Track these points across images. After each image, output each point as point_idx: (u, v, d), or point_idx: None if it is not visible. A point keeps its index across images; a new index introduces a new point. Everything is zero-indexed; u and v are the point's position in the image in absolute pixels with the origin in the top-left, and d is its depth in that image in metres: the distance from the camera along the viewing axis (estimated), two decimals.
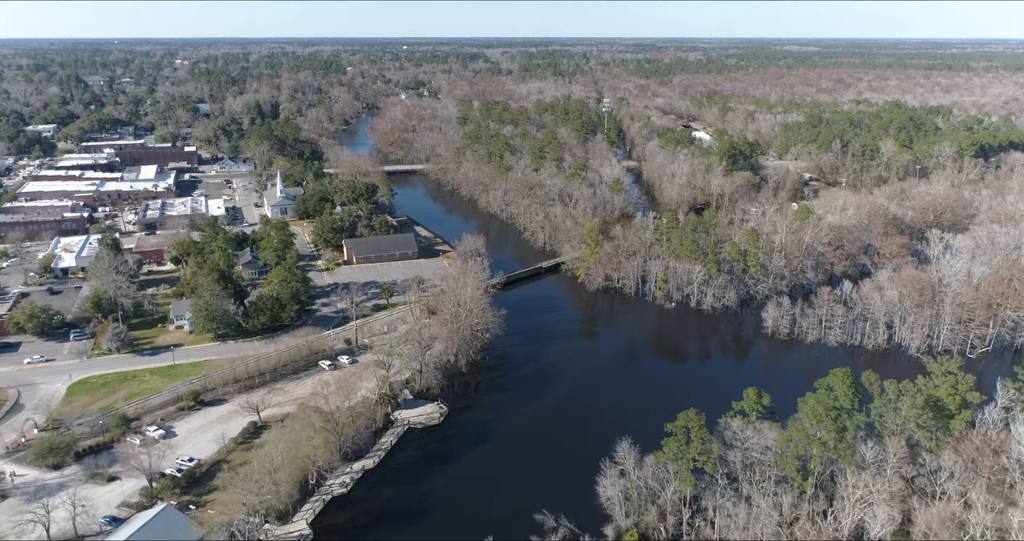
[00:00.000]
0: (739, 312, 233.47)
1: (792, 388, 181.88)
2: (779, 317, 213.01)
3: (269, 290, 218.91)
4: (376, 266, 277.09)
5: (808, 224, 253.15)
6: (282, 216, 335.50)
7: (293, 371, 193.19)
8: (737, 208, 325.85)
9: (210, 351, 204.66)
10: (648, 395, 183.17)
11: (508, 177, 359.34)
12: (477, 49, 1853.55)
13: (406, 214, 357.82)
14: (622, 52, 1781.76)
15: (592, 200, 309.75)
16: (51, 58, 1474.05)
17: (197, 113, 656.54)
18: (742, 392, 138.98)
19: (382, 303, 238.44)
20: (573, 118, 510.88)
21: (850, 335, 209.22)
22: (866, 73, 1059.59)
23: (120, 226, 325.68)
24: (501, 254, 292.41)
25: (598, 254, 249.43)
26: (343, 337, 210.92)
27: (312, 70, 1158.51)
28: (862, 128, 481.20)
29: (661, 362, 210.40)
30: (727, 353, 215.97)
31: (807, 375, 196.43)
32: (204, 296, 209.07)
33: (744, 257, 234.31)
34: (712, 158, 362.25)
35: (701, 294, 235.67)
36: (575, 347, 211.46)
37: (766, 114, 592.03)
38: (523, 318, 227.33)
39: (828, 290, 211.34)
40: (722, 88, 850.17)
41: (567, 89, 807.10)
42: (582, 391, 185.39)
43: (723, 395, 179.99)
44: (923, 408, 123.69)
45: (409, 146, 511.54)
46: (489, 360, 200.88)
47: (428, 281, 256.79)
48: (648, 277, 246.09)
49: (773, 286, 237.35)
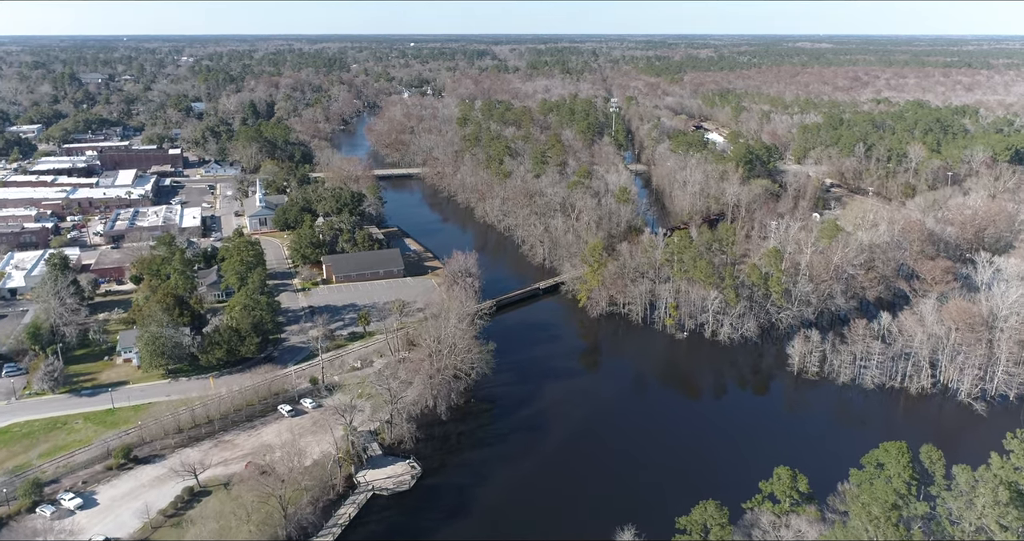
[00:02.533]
0: (760, 344, 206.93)
1: (828, 447, 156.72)
2: (807, 353, 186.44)
3: (228, 320, 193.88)
4: (358, 286, 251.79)
5: (837, 242, 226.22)
6: (261, 227, 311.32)
7: (248, 417, 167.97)
8: (755, 220, 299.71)
9: (158, 390, 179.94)
10: (657, 453, 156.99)
11: (507, 184, 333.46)
12: (486, 46, 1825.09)
13: (397, 224, 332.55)
14: (632, 49, 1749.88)
15: (596, 211, 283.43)
16: (55, 55, 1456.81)
17: (190, 113, 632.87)
18: (769, 464, 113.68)
19: (358, 330, 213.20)
20: (579, 119, 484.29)
21: (889, 375, 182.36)
22: (883, 71, 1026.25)
23: (86, 238, 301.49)
24: (496, 271, 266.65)
25: (601, 275, 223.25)
26: (309, 374, 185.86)
27: (315, 67, 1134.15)
28: (885, 130, 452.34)
29: (672, 407, 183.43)
30: (748, 396, 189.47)
31: (842, 423, 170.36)
32: (152, 326, 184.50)
33: (766, 282, 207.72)
34: (727, 164, 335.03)
35: (717, 323, 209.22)
36: (573, 388, 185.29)
37: (782, 114, 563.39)
38: (515, 350, 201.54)
39: (863, 323, 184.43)
40: (735, 86, 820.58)
41: (575, 87, 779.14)
42: (580, 447, 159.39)
43: (746, 451, 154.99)
44: (1007, 505, 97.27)
45: (406, 148, 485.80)
46: (474, 405, 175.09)
47: (412, 304, 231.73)
48: (657, 302, 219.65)
49: (798, 314, 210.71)
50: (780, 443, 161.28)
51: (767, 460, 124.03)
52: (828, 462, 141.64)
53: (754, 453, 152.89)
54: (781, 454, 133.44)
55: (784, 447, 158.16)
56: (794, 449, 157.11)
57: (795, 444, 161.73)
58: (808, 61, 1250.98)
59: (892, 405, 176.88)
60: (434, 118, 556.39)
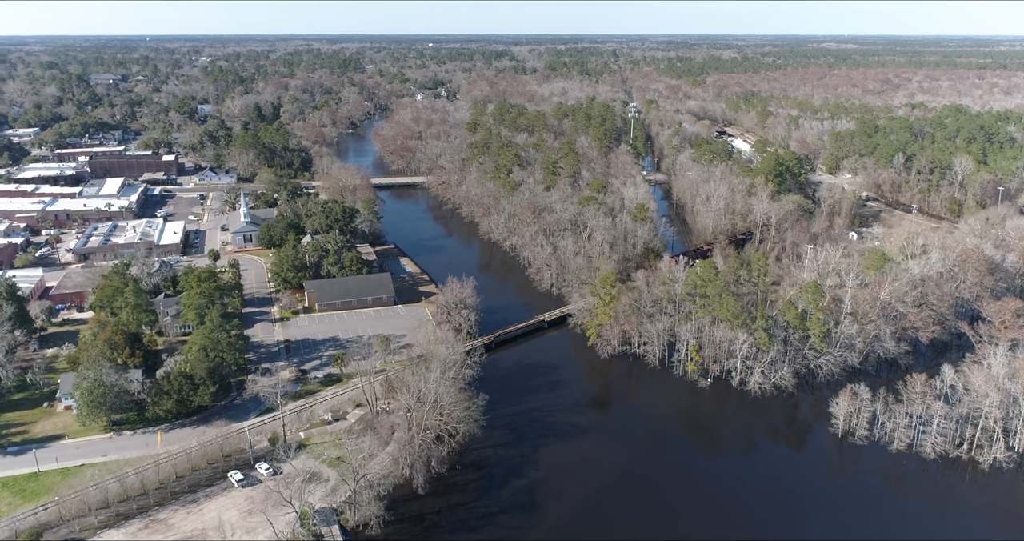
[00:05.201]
0: (796, 395, 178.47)
1: (882, 527, 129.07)
2: (853, 412, 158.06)
3: (180, 364, 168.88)
4: (342, 315, 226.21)
5: (884, 274, 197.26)
6: (246, 244, 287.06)
7: (191, 487, 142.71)
8: (786, 240, 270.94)
9: (96, 448, 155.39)
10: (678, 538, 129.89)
11: (514, 197, 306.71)
12: (505, 46, 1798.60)
13: (394, 241, 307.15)
14: (653, 49, 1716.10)
15: (610, 231, 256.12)
16: (74, 55, 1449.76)
17: (194, 115, 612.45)
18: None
19: (335, 372, 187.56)
20: (596, 124, 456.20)
21: (953, 442, 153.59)
22: (914, 73, 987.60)
23: (56, 256, 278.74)
24: (498, 297, 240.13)
25: (613, 310, 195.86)
26: (272, 429, 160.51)
27: (330, 68, 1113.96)
28: (924, 138, 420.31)
29: (695, 477, 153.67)
30: (784, 462, 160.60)
31: (898, 499, 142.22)
32: (93, 370, 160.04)
33: (803, 321, 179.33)
34: (755, 178, 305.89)
35: (746, 369, 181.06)
36: (578, 451, 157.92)
37: (811, 119, 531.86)
38: (512, 400, 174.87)
39: (922, 379, 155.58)
40: (759, 89, 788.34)
41: (593, 89, 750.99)
42: (584, 533, 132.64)
43: (785, 533, 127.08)
44: None
45: (412, 155, 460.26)
46: (458, 474, 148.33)
47: (401, 338, 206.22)
48: (677, 342, 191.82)
49: (840, 359, 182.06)
50: (825, 521, 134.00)
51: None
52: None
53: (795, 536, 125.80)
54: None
55: (830, 526, 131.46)
56: (842, 528, 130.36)
57: (843, 523, 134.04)
58: (835, 62, 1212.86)
59: (958, 479, 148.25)
60: (444, 122, 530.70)
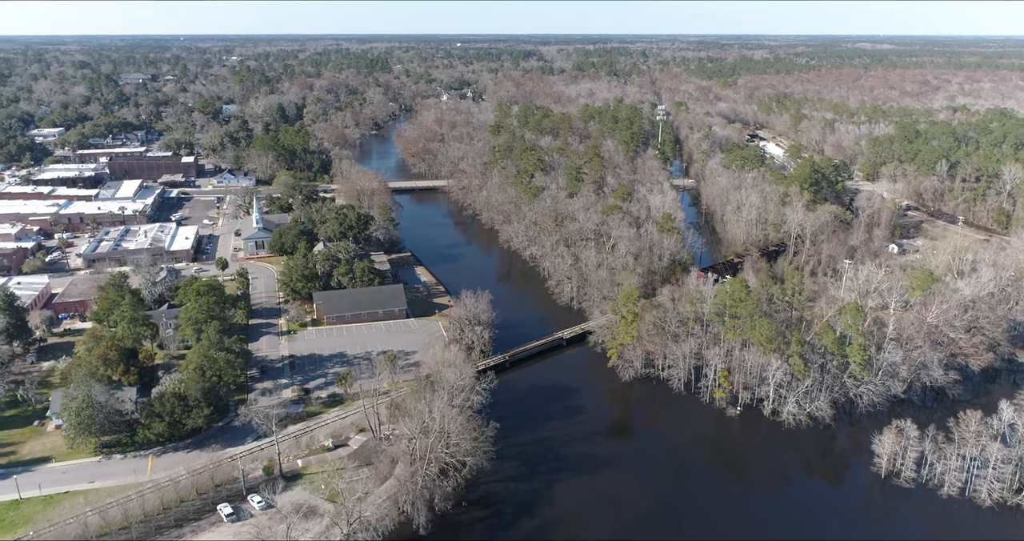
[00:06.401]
0: (833, 427, 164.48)
1: None
2: (899, 451, 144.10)
3: (173, 385, 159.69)
4: (351, 329, 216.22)
5: (932, 296, 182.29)
6: (258, 251, 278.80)
7: (178, 521, 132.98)
8: (822, 253, 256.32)
9: (83, 473, 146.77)
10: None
11: (536, 204, 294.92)
12: (533, 46, 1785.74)
13: (411, 248, 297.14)
14: (683, 50, 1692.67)
15: (635, 242, 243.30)
16: (107, 55, 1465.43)
17: (218, 116, 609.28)
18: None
19: (340, 392, 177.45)
20: (622, 127, 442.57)
21: (1012, 489, 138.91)
22: (954, 74, 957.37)
23: (67, 261, 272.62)
24: (515, 311, 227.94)
25: (636, 330, 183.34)
26: (268, 456, 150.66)
27: (356, 68, 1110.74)
28: (968, 143, 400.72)
29: (720, 520, 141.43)
30: (822, 503, 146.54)
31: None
32: (81, 389, 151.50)
33: (842, 347, 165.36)
34: (790, 186, 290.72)
35: (779, 398, 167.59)
36: (596, 487, 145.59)
37: (847, 123, 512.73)
38: (525, 427, 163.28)
39: (977, 417, 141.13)
40: (792, 90, 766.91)
41: (621, 90, 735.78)
42: None
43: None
44: None
45: (433, 158, 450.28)
46: (464, 512, 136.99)
47: (411, 355, 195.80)
48: (705, 366, 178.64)
49: (882, 389, 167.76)
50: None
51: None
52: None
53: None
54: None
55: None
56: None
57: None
58: (870, 63, 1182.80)
59: (1017, 530, 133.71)
60: (467, 124, 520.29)
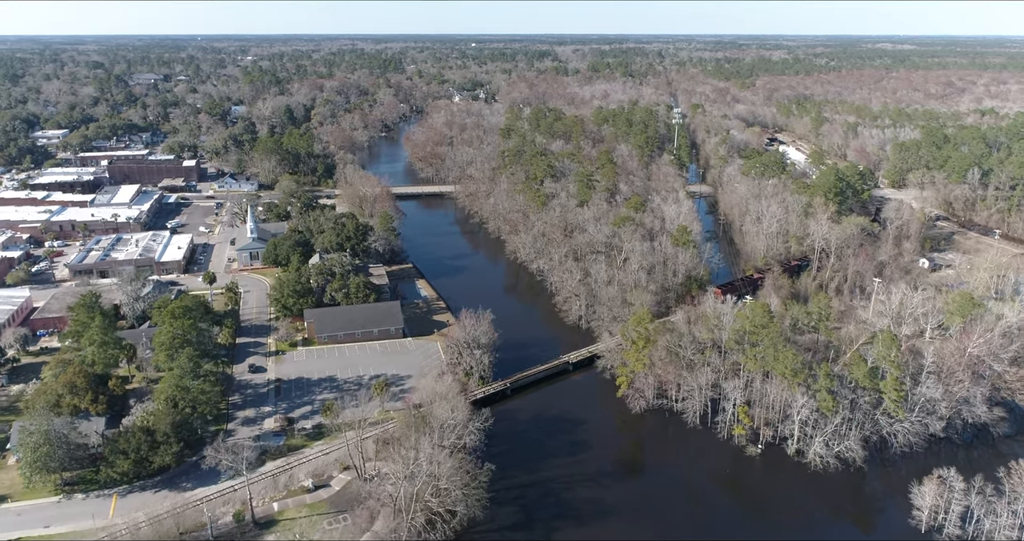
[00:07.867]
0: (864, 469, 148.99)
1: None
2: (942, 504, 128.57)
3: (141, 418, 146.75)
4: (345, 349, 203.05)
5: (973, 323, 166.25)
6: (252, 262, 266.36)
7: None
8: (848, 268, 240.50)
9: (38, 516, 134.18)
10: None
11: (544, 213, 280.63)
12: (548, 46, 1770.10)
13: (414, 259, 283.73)
14: (700, 50, 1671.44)
15: (648, 257, 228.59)
16: (122, 55, 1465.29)
17: (226, 117, 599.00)
18: None
19: (326, 423, 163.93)
20: (637, 131, 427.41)
21: None
22: (979, 75, 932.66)
23: (54, 272, 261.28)
24: (519, 330, 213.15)
25: (647, 357, 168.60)
26: (240, 499, 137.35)
27: (369, 68, 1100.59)
28: (1000, 149, 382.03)
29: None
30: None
31: None
32: (40, 422, 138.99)
33: (875, 381, 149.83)
34: (813, 196, 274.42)
35: (804, 436, 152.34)
36: (600, 538, 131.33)
37: (870, 127, 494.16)
38: (524, 466, 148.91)
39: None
40: (812, 92, 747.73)
41: (636, 92, 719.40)
42: None
43: None
44: None
45: (441, 162, 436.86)
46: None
47: (405, 379, 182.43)
48: (722, 399, 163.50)
49: (920, 427, 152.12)
50: None
51: None
52: None
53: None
54: None
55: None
56: None
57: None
58: (892, 64, 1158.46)
59: None
60: (478, 127, 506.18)
